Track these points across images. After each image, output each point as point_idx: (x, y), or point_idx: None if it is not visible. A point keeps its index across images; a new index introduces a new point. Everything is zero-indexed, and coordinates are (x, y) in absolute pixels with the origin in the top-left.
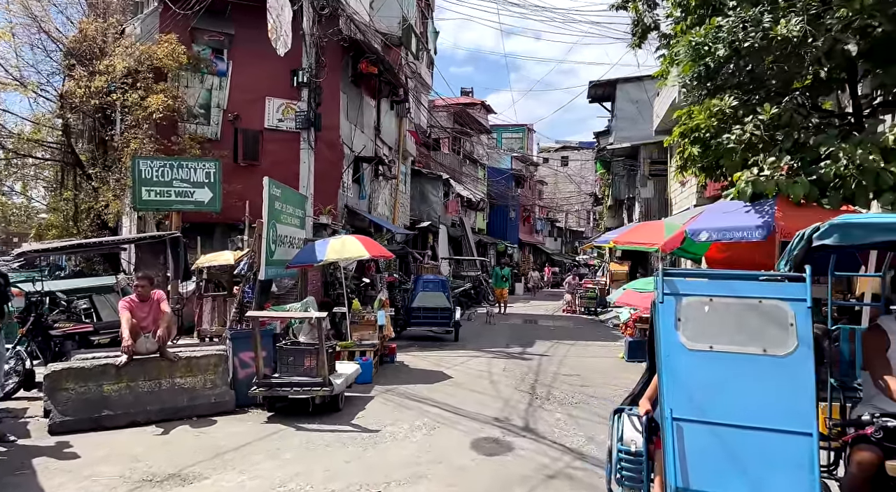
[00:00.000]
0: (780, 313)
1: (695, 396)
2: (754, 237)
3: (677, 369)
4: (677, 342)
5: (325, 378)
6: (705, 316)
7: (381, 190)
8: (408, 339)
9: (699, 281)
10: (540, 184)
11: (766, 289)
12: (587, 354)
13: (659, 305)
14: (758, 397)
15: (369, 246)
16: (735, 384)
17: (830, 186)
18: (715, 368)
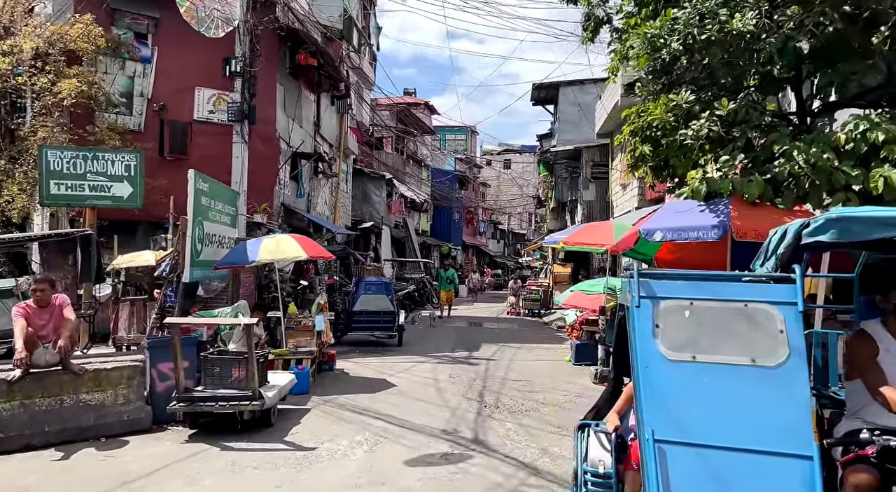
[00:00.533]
0: (769, 319)
1: (678, 414)
2: (710, 237)
3: (657, 382)
4: (656, 352)
5: (255, 391)
6: (686, 322)
7: (321, 188)
8: (349, 344)
9: (676, 283)
10: (483, 186)
11: (751, 291)
12: (534, 357)
13: (634, 309)
14: (748, 414)
15: (307, 246)
16: (722, 400)
17: (784, 186)
18: (699, 381)
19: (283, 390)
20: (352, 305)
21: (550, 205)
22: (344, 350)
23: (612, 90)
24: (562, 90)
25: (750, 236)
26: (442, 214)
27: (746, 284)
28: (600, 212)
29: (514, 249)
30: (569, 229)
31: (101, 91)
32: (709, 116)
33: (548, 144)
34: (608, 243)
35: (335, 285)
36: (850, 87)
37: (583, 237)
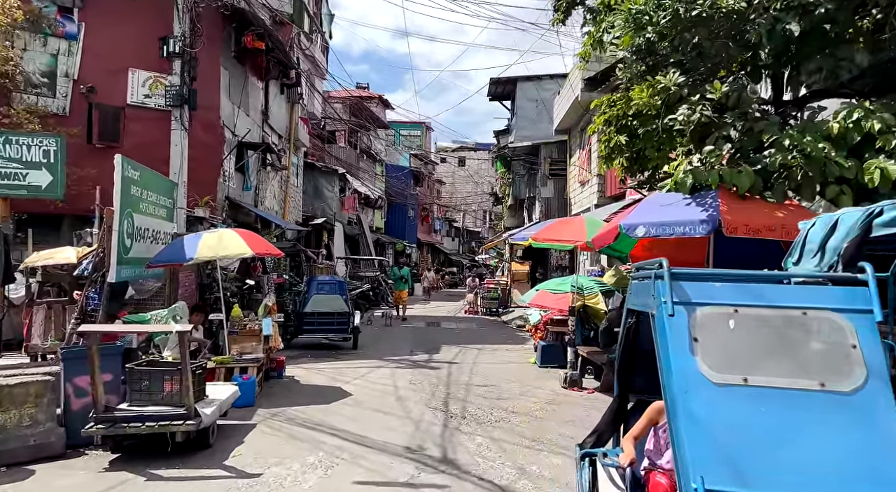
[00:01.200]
0: (836, 330)
1: (732, 454)
2: (698, 232)
3: (701, 411)
4: (696, 372)
5: (191, 407)
6: (731, 335)
7: (270, 182)
8: (300, 348)
9: (715, 285)
10: (438, 183)
11: (809, 296)
12: (497, 359)
13: (666, 319)
14: (822, 454)
15: (252, 242)
16: (787, 436)
17: (775, 178)
18: (755, 410)
19: (224, 405)
20: (303, 305)
21: (508, 202)
22: (294, 355)
23: (571, 85)
24: (519, 85)
25: (741, 232)
26: (396, 211)
27: (800, 287)
28: (558, 209)
29: (469, 246)
30: (537, 225)
31: (19, 69)
32: (699, 100)
33: (505, 140)
34: (580, 240)
35: (285, 285)
36: (841, 74)
37: (553, 233)
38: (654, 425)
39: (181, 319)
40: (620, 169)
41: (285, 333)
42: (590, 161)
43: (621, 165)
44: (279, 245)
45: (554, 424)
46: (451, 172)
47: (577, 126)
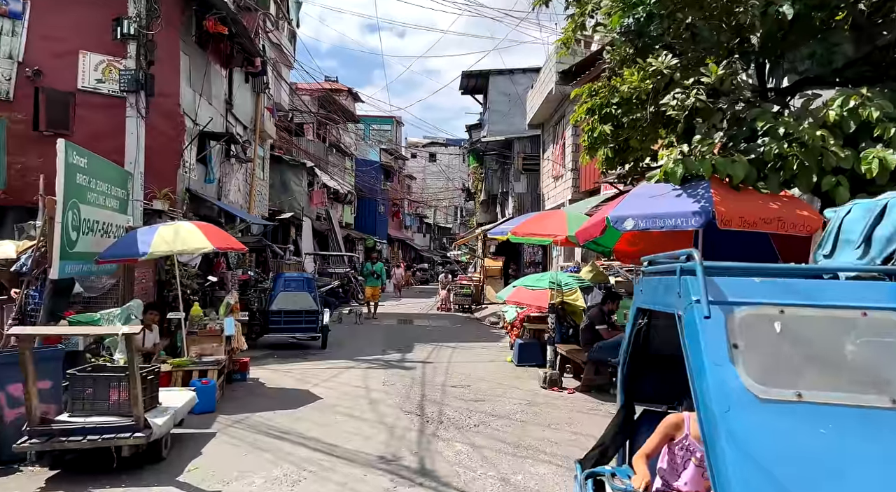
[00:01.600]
0: None
1: (786, 486)
2: (690, 225)
3: (747, 435)
4: (738, 387)
5: (140, 418)
6: (778, 340)
7: (234, 174)
8: (266, 348)
9: (755, 281)
10: (409, 178)
11: (865, 293)
12: (472, 358)
13: (700, 322)
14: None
15: (213, 236)
16: (857, 465)
17: (769, 167)
18: (813, 433)
19: (179, 413)
20: (269, 303)
21: (480, 197)
22: (260, 355)
23: (545, 79)
24: (492, 79)
25: (735, 224)
26: (366, 207)
27: (855, 284)
28: (532, 204)
29: (440, 243)
30: (516, 219)
31: None
32: (694, 84)
33: (477, 134)
34: (561, 234)
35: (250, 281)
36: (835, 60)
37: (533, 227)
38: (668, 441)
39: (136, 318)
40: (602, 161)
41: (250, 332)
42: (564, 156)
43: (605, 156)
44: (243, 240)
45: (536, 428)
46: (422, 167)
47: (551, 120)
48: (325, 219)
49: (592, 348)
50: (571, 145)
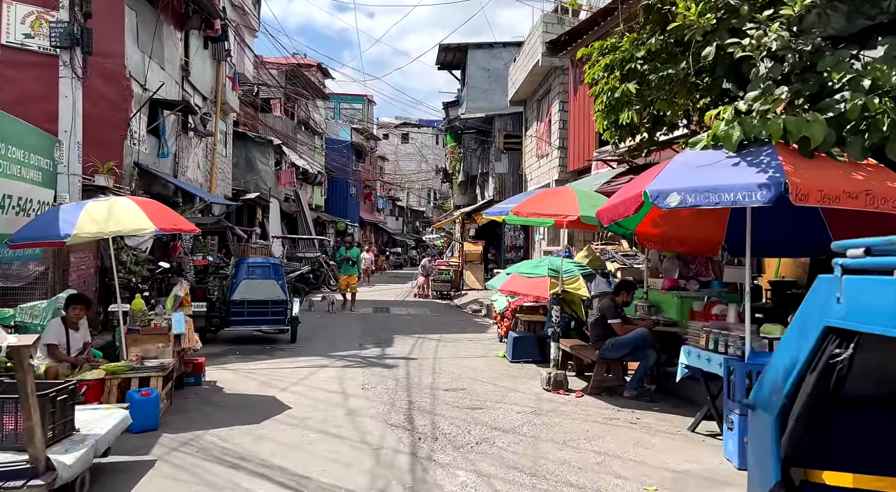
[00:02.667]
0: None
1: None
2: (755, 201)
3: None
4: None
5: (38, 457)
6: None
7: (193, 150)
8: (226, 342)
9: None
10: (381, 160)
11: None
12: (460, 352)
13: None
14: None
15: (157, 215)
16: None
17: (850, 128)
18: None
19: (104, 441)
20: (230, 292)
21: (458, 178)
22: (219, 352)
23: (530, 50)
24: (470, 53)
25: (813, 199)
26: (337, 188)
27: None
28: (513, 185)
29: (413, 226)
30: (515, 198)
31: None
32: (771, 17)
33: (455, 112)
34: (571, 214)
35: (209, 267)
36: None
37: (538, 206)
38: None
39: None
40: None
41: (209, 325)
42: (550, 133)
43: (627, 120)
44: (200, 222)
45: (551, 446)
46: (395, 148)
47: (535, 96)
48: (293, 200)
49: (605, 346)
50: (559, 121)
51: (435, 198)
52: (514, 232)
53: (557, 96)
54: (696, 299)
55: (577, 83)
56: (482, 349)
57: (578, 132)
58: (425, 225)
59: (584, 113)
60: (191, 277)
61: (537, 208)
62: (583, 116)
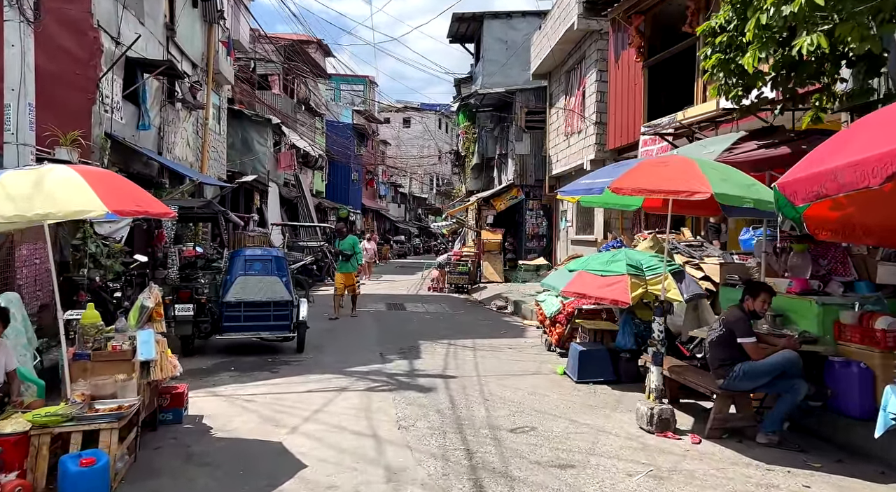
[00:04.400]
0: None
1: None
2: None
3: None
4: None
5: None
6: None
7: (182, 124)
8: (219, 352)
9: None
10: (383, 144)
11: None
12: (507, 366)
13: None
14: None
15: (110, 190)
16: None
17: None
18: None
19: None
20: (224, 291)
21: (472, 161)
22: (209, 366)
23: (562, 14)
24: (486, 24)
25: None
26: (339, 173)
27: None
28: (535, 168)
29: (415, 213)
30: (606, 170)
31: None
32: None
33: (467, 89)
34: (700, 190)
35: (198, 261)
36: None
37: (653, 180)
38: None
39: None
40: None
41: (196, 332)
42: (583, 106)
43: (813, 47)
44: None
45: None
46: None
47: (564, 66)
48: (294, 185)
49: (733, 373)
50: (595, 93)
51: (438, 184)
52: (536, 219)
53: (594, 65)
54: (843, 307)
55: (621, 48)
56: (530, 361)
57: (622, 104)
58: (427, 212)
59: (628, 82)
60: (173, 275)
61: (652, 183)
62: (627, 86)
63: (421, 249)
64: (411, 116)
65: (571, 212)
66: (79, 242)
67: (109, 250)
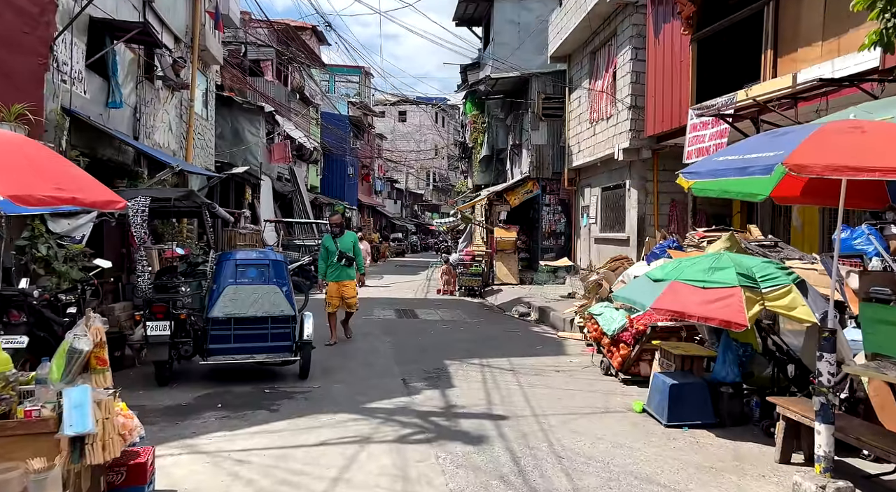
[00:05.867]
0: None
1: None
2: None
3: None
4: None
5: None
6: None
7: (163, 106)
8: (203, 380)
9: None
10: (379, 138)
11: None
12: (565, 402)
13: None
14: None
15: (20, 169)
16: None
17: None
18: None
19: None
20: (209, 304)
21: (480, 153)
22: (189, 402)
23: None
24: (497, 5)
25: None
26: (334, 168)
27: None
28: (553, 159)
29: (411, 210)
30: (760, 142)
31: None
32: None
33: (474, 76)
34: None
35: (178, 265)
36: None
37: (843, 154)
38: None
39: None
40: None
41: (176, 354)
42: (614, 89)
43: None
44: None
45: None
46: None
47: (586, 48)
48: (287, 179)
49: None
50: (629, 73)
51: (435, 180)
52: (553, 215)
53: (628, 42)
54: None
55: (662, 21)
56: (591, 391)
57: (663, 85)
58: (424, 209)
59: (672, 59)
60: (143, 285)
61: (855, 157)
62: (671, 63)
63: (419, 247)
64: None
65: (595, 206)
66: (25, 243)
67: (67, 253)
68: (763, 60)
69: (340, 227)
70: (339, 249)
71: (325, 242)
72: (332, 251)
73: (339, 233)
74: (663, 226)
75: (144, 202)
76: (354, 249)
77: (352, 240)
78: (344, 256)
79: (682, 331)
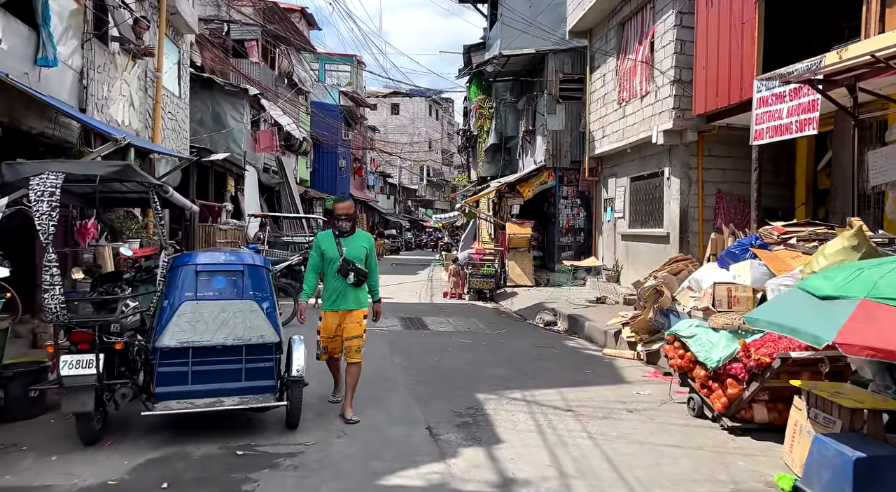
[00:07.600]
0: None
1: None
2: None
3: None
4: None
5: None
6: None
7: (121, 76)
8: (150, 438)
9: None
10: (372, 130)
11: None
12: (667, 470)
13: None
14: None
15: None
16: None
17: None
18: None
19: None
20: (157, 328)
21: (486, 142)
22: (127, 478)
23: None
24: None
25: None
26: (325, 160)
27: None
28: (572, 146)
29: (405, 205)
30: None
31: None
32: None
33: (479, 57)
34: None
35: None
36: None
37: None
38: None
39: None
40: None
41: (111, 401)
42: (652, 61)
43: None
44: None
45: None
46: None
47: (613, 18)
48: (275, 171)
49: None
50: (673, 42)
51: (429, 174)
52: (571, 209)
53: (670, 6)
54: None
55: None
56: (691, 448)
57: (717, 53)
58: (418, 204)
59: (729, 21)
60: (51, 304)
61: None
62: (728, 27)
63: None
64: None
65: (623, 199)
66: None
67: None
68: (864, 12)
69: (352, 220)
70: (345, 255)
71: (321, 242)
72: (332, 258)
73: (349, 231)
74: (708, 220)
75: (54, 181)
76: (368, 259)
77: (365, 244)
78: (352, 267)
79: (824, 363)
